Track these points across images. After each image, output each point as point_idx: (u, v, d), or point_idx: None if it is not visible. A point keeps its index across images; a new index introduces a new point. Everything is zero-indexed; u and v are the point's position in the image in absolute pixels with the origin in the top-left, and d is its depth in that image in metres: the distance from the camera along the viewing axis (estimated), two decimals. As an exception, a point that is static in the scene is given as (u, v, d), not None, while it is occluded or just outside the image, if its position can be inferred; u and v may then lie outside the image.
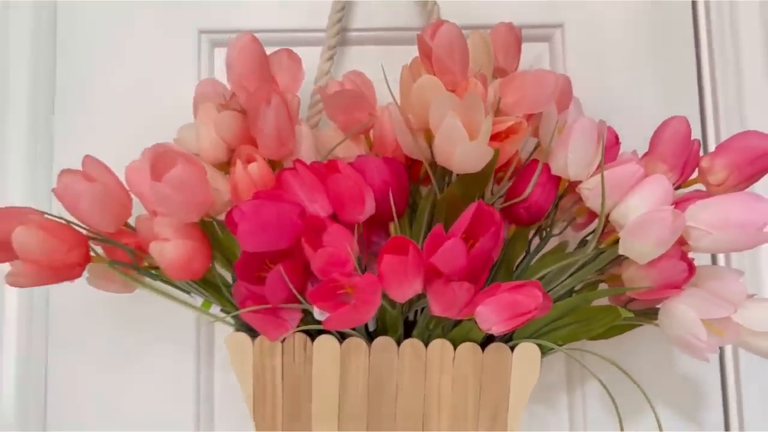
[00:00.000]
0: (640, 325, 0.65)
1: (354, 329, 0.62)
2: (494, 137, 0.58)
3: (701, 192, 0.64)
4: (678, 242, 0.57)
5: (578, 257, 0.63)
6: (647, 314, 0.64)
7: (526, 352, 0.62)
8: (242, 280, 0.57)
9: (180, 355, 0.79)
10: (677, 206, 0.58)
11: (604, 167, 0.59)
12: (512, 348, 0.62)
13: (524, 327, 0.61)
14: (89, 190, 0.57)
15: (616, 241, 0.60)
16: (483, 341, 0.62)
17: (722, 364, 0.81)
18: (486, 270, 0.58)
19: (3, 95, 0.82)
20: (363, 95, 0.66)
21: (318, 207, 0.58)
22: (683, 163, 0.64)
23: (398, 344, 0.62)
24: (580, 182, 0.62)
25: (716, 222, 0.57)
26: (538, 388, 0.78)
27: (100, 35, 0.83)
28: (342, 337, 0.62)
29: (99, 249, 0.63)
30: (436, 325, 0.63)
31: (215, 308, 0.65)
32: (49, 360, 0.80)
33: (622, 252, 0.58)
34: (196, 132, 0.63)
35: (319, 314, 0.58)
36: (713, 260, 0.82)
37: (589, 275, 0.64)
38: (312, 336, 0.62)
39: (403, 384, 0.62)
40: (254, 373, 0.63)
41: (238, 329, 0.64)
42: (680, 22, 0.84)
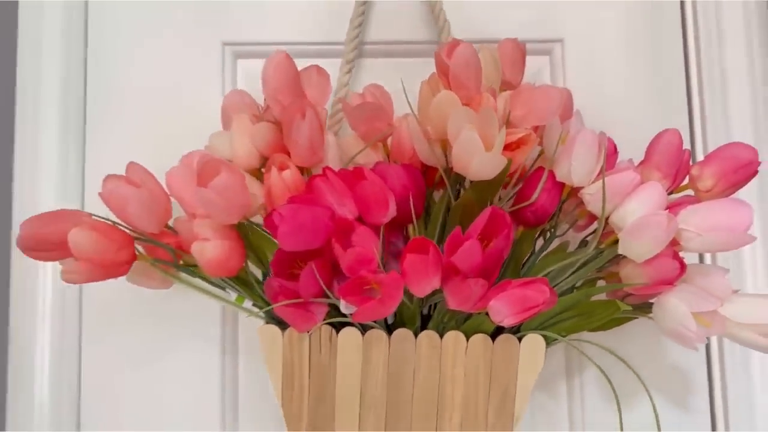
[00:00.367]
0: (636, 318, 0.70)
1: (375, 322, 0.66)
2: (506, 147, 0.63)
3: (691, 197, 0.69)
4: (671, 243, 0.62)
5: (580, 256, 0.67)
6: (642, 308, 0.68)
7: (532, 343, 0.67)
8: (278, 277, 0.61)
9: (206, 349, 0.83)
10: (670, 210, 0.62)
11: (605, 175, 0.64)
12: (519, 339, 0.67)
13: (530, 320, 0.65)
14: (137, 195, 0.62)
15: (615, 242, 0.64)
16: (492, 333, 0.67)
17: (708, 354, 0.85)
18: (498, 268, 0.62)
19: (35, 98, 0.85)
20: (382, 107, 0.70)
21: (346, 210, 0.62)
22: (675, 172, 0.68)
23: (415, 336, 0.66)
24: (582, 188, 0.66)
25: (705, 225, 0.62)
26: (539, 377, 0.80)
27: (130, 44, 0.86)
28: (363, 330, 0.67)
29: (140, 248, 0.68)
30: (450, 319, 0.67)
31: (248, 303, 0.70)
32: (83, 355, 0.83)
33: (622, 251, 0.63)
34: (231, 141, 0.67)
35: (346, 308, 0.62)
36: (700, 259, 0.86)
37: (590, 273, 0.68)
38: (336, 328, 0.66)
39: (420, 372, 0.67)
40: (283, 362, 0.67)
41: (268, 322, 0.68)
42: (671, 40, 0.88)
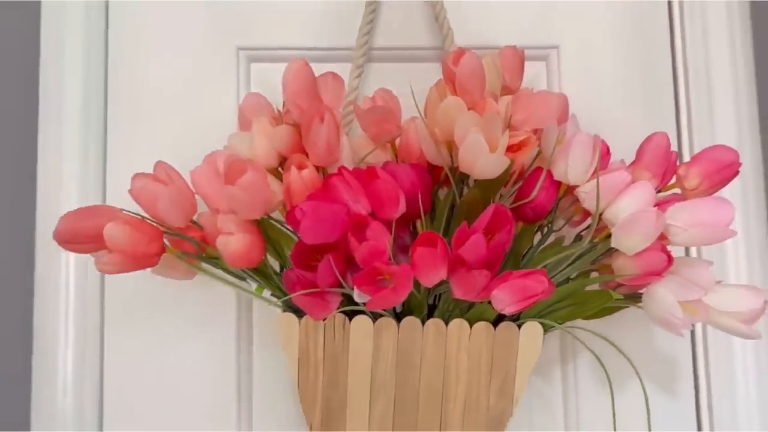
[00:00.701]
0: (626, 307, 0.74)
1: (385, 311, 0.71)
2: (508, 149, 0.67)
3: (678, 195, 0.74)
4: (659, 237, 0.67)
5: (575, 250, 0.72)
6: (632, 298, 0.73)
7: (531, 330, 0.72)
8: (297, 268, 0.66)
9: (222, 337, 0.87)
10: (659, 207, 0.67)
11: (599, 174, 0.69)
12: (519, 326, 0.71)
13: (529, 309, 0.69)
14: (166, 191, 0.66)
15: (608, 236, 0.69)
16: (494, 320, 0.71)
17: (693, 343, 0.90)
18: (500, 260, 0.67)
19: (58, 99, 0.89)
20: (392, 110, 0.75)
21: (360, 207, 0.67)
22: (664, 171, 0.73)
23: (422, 324, 0.71)
24: (578, 186, 0.71)
25: (691, 221, 0.67)
26: (536, 364, 0.86)
27: (149, 47, 0.90)
28: (374, 318, 0.71)
29: (166, 242, 0.72)
30: (455, 308, 0.72)
31: (266, 293, 0.75)
32: (105, 343, 0.87)
33: (614, 245, 0.68)
34: (251, 141, 0.71)
35: (359, 297, 0.67)
36: (686, 253, 0.89)
37: (584, 265, 0.73)
38: (349, 316, 0.71)
39: (427, 357, 0.71)
40: (299, 348, 0.72)
41: (285, 311, 0.73)
42: (660, 48, 0.93)
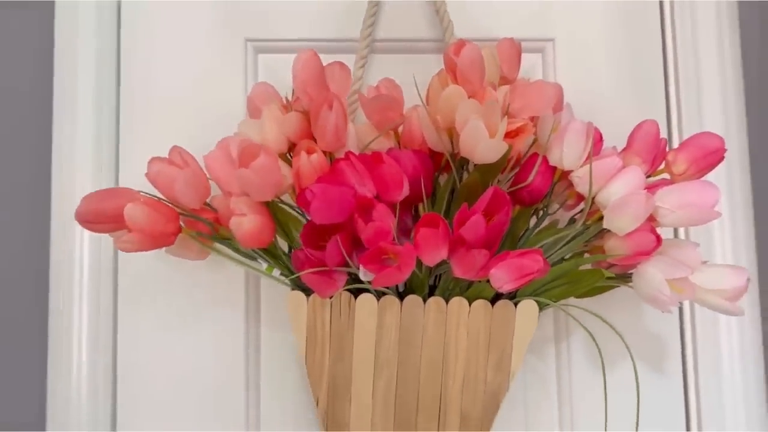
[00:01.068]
0: (618, 286, 0.78)
1: (388, 289, 0.75)
2: (506, 135, 0.70)
3: (667, 180, 0.77)
4: (648, 219, 0.71)
5: (569, 231, 0.76)
6: (623, 278, 0.77)
7: (527, 307, 0.75)
8: (307, 247, 0.70)
9: (231, 314, 0.90)
10: (648, 191, 0.70)
11: (592, 160, 0.73)
12: (515, 304, 0.75)
13: (525, 287, 0.74)
14: (182, 174, 0.69)
15: (600, 218, 0.73)
16: (492, 299, 0.75)
17: (681, 322, 0.94)
18: (498, 241, 0.70)
19: (72, 92, 0.92)
20: (395, 99, 0.78)
21: (366, 190, 0.70)
22: (653, 157, 0.76)
23: (424, 302, 0.75)
24: (572, 171, 0.74)
25: (678, 203, 0.71)
26: (531, 342, 0.89)
27: (161, 40, 0.93)
28: (378, 296, 0.75)
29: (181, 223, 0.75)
30: (455, 286, 0.75)
31: (276, 272, 0.78)
32: (119, 321, 0.91)
33: (606, 226, 0.71)
34: (261, 128, 0.74)
35: (365, 275, 0.70)
36: (675, 234, 0.93)
37: (578, 246, 0.76)
38: (354, 295, 0.74)
39: (428, 334, 0.75)
40: (308, 324, 0.75)
41: (294, 289, 0.76)
42: (651, 40, 0.96)
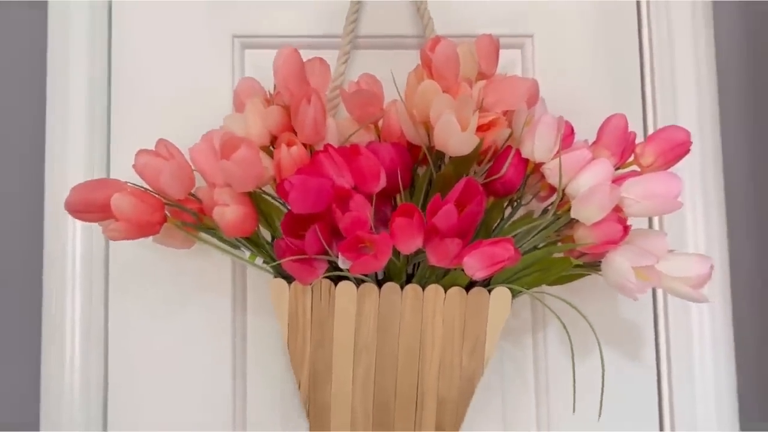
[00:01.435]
0: (589, 274, 0.80)
1: (367, 276, 0.77)
2: (479, 128, 0.73)
3: (636, 172, 0.79)
4: (615, 209, 0.73)
5: (541, 221, 0.78)
6: (593, 266, 0.79)
7: (500, 295, 0.77)
8: (287, 236, 0.72)
9: (218, 302, 0.93)
10: (616, 182, 0.73)
11: (562, 153, 0.75)
12: (489, 291, 0.77)
13: (499, 274, 0.76)
14: (168, 166, 0.72)
15: (570, 209, 0.75)
16: (466, 286, 0.77)
17: (655, 310, 0.96)
18: (471, 230, 0.73)
19: (63, 90, 0.94)
20: (375, 94, 0.80)
21: (344, 181, 0.73)
22: (622, 150, 0.78)
23: (401, 289, 0.77)
24: (543, 163, 0.77)
25: (643, 193, 0.73)
26: (508, 331, 0.93)
27: (150, 37, 0.96)
28: (357, 284, 0.77)
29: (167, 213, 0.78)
30: (431, 274, 0.78)
31: (259, 260, 0.81)
32: (110, 308, 0.93)
33: (574, 215, 0.74)
34: (245, 121, 0.77)
35: (343, 263, 0.73)
36: (649, 224, 0.95)
37: (549, 235, 0.79)
38: (335, 282, 0.77)
39: (405, 321, 0.77)
40: (289, 311, 0.78)
41: (276, 277, 0.79)
42: (628, 37, 0.98)
